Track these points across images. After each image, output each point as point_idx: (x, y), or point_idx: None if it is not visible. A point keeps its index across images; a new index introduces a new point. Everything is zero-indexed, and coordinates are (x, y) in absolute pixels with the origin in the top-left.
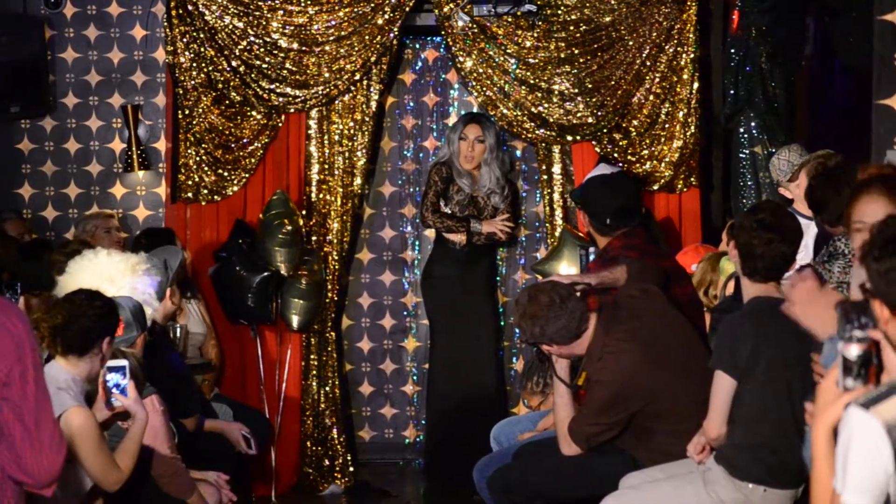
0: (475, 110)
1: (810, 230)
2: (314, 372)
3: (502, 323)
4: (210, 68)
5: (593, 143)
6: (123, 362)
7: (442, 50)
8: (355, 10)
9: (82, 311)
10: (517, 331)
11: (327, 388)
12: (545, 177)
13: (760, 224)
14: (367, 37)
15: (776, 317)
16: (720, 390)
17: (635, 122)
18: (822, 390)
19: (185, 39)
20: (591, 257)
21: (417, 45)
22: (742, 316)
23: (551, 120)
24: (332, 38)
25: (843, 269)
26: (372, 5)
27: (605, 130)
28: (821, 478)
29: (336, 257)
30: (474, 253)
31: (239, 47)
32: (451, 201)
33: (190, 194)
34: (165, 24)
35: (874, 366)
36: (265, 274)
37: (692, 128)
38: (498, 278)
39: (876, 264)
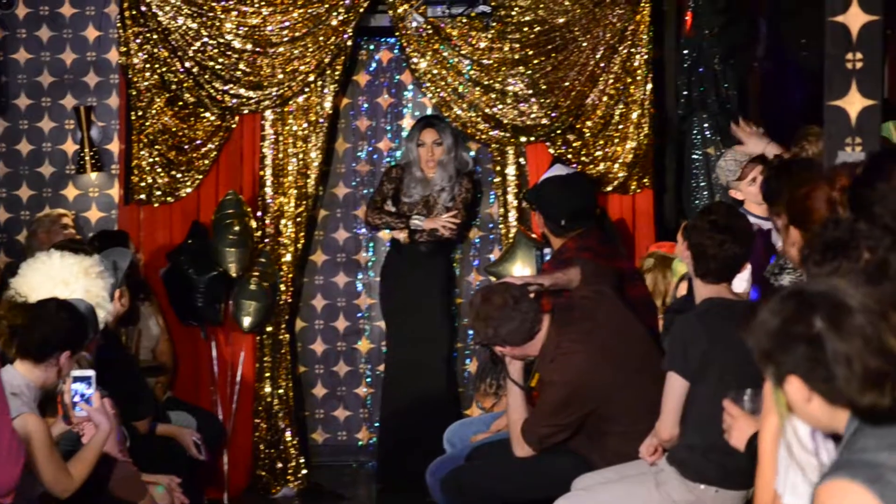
0: (429, 111)
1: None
2: (267, 374)
3: (456, 324)
4: (163, 69)
5: (547, 144)
6: (90, 372)
7: (396, 51)
8: (309, 11)
9: (46, 318)
10: (471, 332)
11: (280, 391)
12: (499, 178)
13: (713, 225)
14: (321, 38)
15: (729, 318)
16: (673, 392)
17: (589, 123)
18: (766, 393)
19: (138, 40)
20: (548, 258)
21: (372, 47)
22: (694, 317)
23: (505, 121)
24: (285, 39)
25: (794, 283)
26: (326, 6)
27: (559, 131)
28: (765, 478)
29: (290, 259)
30: (430, 254)
31: (192, 48)
32: (400, 202)
33: (143, 196)
34: (119, 25)
35: None
36: (213, 274)
37: (646, 129)
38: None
39: (816, 268)
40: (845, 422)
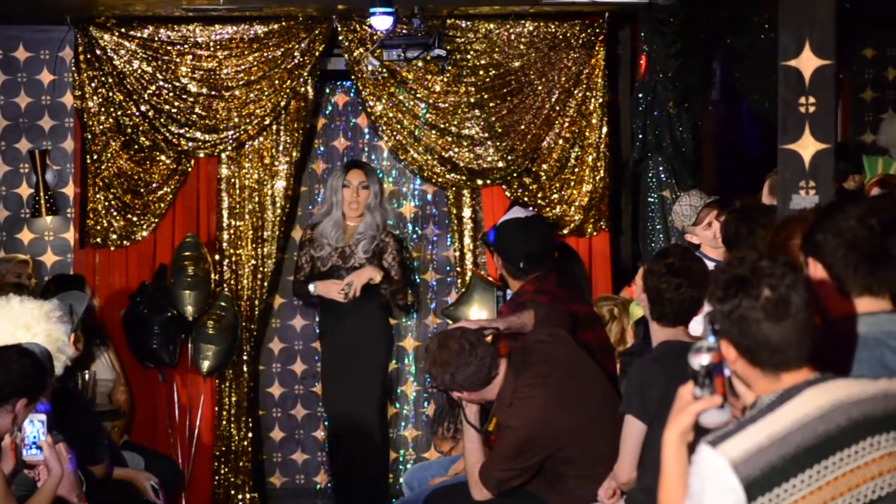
0: (386, 155)
1: None
2: (225, 418)
3: (413, 368)
4: (119, 113)
5: (503, 187)
6: (43, 416)
7: (352, 94)
8: (265, 54)
9: (7, 364)
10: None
11: (238, 434)
12: (455, 221)
13: (669, 269)
14: (276, 81)
15: (685, 360)
16: (630, 435)
17: (545, 167)
18: (677, 397)
19: (93, 84)
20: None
21: (328, 90)
22: (651, 360)
23: (461, 164)
24: (241, 82)
25: None
26: (281, 50)
27: (514, 174)
28: (668, 483)
29: (247, 302)
30: (361, 302)
31: (148, 92)
32: (315, 258)
33: (99, 239)
34: (73, 68)
35: (720, 376)
36: (167, 315)
37: (601, 172)
38: (392, 328)
39: (720, 305)
40: None
